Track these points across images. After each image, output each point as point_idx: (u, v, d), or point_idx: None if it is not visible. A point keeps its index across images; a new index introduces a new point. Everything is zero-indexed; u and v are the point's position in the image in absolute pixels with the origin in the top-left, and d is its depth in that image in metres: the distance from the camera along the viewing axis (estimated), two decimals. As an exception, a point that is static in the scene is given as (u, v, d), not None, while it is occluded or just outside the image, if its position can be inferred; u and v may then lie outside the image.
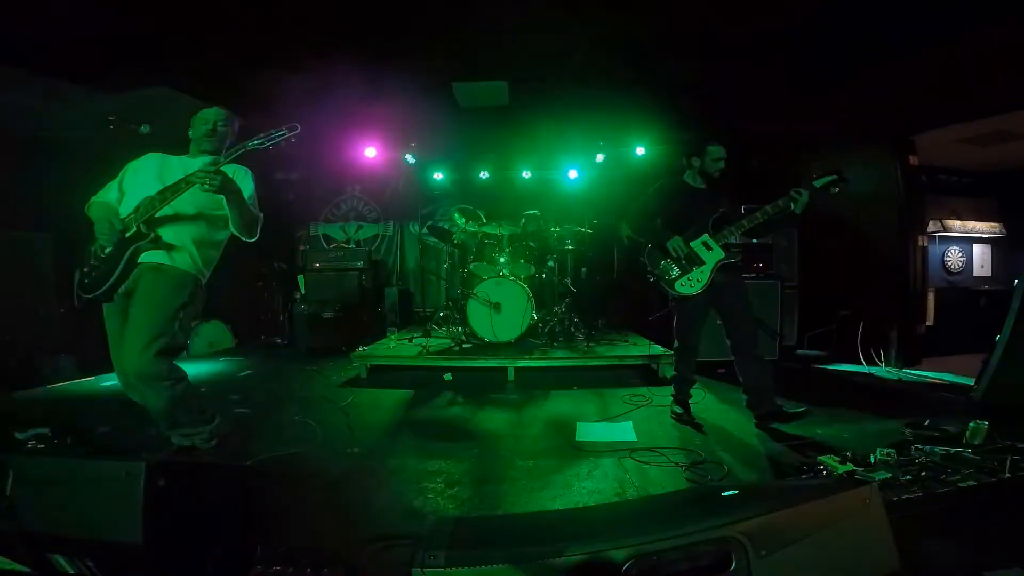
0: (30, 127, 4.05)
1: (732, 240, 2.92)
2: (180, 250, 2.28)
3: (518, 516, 1.96)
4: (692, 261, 2.94)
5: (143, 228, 2.21)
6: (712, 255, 2.93)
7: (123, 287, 2.24)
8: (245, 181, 2.40)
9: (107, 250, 2.23)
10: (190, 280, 2.30)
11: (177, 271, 2.27)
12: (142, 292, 2.21)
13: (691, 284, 2.94)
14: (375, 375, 4.41)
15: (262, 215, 2.43)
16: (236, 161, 2.23)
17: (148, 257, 2.24)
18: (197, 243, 2.33)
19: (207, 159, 2.32)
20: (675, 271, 2.97)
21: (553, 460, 2.58)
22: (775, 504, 1.29)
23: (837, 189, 2.78)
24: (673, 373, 3.25)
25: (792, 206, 2.77)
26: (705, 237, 2.94)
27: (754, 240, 3.45)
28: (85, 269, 2.28)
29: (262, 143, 2.16)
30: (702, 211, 2.98)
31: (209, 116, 2.41)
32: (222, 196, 2.19)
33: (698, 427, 3.05)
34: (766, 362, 3.03)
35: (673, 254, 2.93)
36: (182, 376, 2.24)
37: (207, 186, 2.08)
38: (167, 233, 2.26)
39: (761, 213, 2.85)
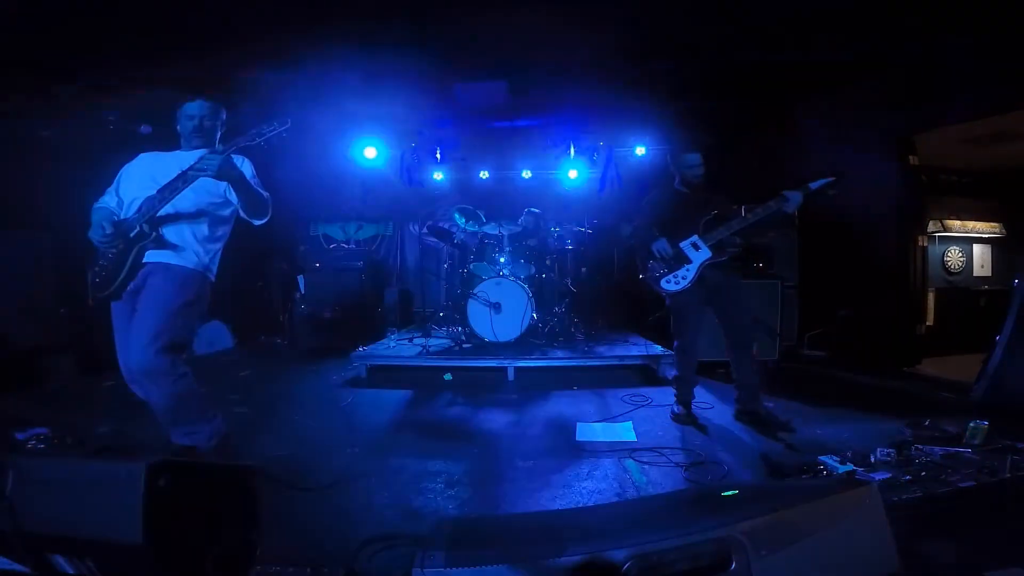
0: (30, 127, 4.05)
1: (724, 239, 2.97)
2: (185, 248, 2.31)
3: (518, 516, 1.96)
4: (679, 260, 3.02)
5: (146, 227, 2.22)
6: (699, 255, 3.00)
7: (132, 285, 2.26)
8: (243, 166, 2.37)
9: (113, 251, 2.24)
10: (197, 277, 2.33)
11: (183, 269, 2.30)
12: (150, 289, 2.25)
13: (676, 281, 3.02)
14: (375, 375, 4.40)
15: (269, 195, 2.42)
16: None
17: (153, 256, 2.26)
18: (200, 240, 2.35)
19: (201, 152, 2.30)
20: (663, 269, 3.05)
21: (553, 460, 2.58)
22: (775, 504, 1.29)
23: (835, 192, 2.79)
24: (675, 373, 3.30)
25: (783, 207, 2.82)
26: (694, 238, 3.02)
27: (754, 240, 3.48)
28: (96, 269, 2.30)
29: (253, 139, 2.13)
30: (691, 214, 3.06)
31: (193, 111, 2.37)
32: (224, 186, 2.23)
33: (698, 427, 3.06)
34: (758, 362, 3.12)
35: (657, 255, 3.01)
36: (185, 373, 2.25)
37: (208, 172, 2.08)
38: (170, 232, 2.28)
39: (752, 215, 2.92)
